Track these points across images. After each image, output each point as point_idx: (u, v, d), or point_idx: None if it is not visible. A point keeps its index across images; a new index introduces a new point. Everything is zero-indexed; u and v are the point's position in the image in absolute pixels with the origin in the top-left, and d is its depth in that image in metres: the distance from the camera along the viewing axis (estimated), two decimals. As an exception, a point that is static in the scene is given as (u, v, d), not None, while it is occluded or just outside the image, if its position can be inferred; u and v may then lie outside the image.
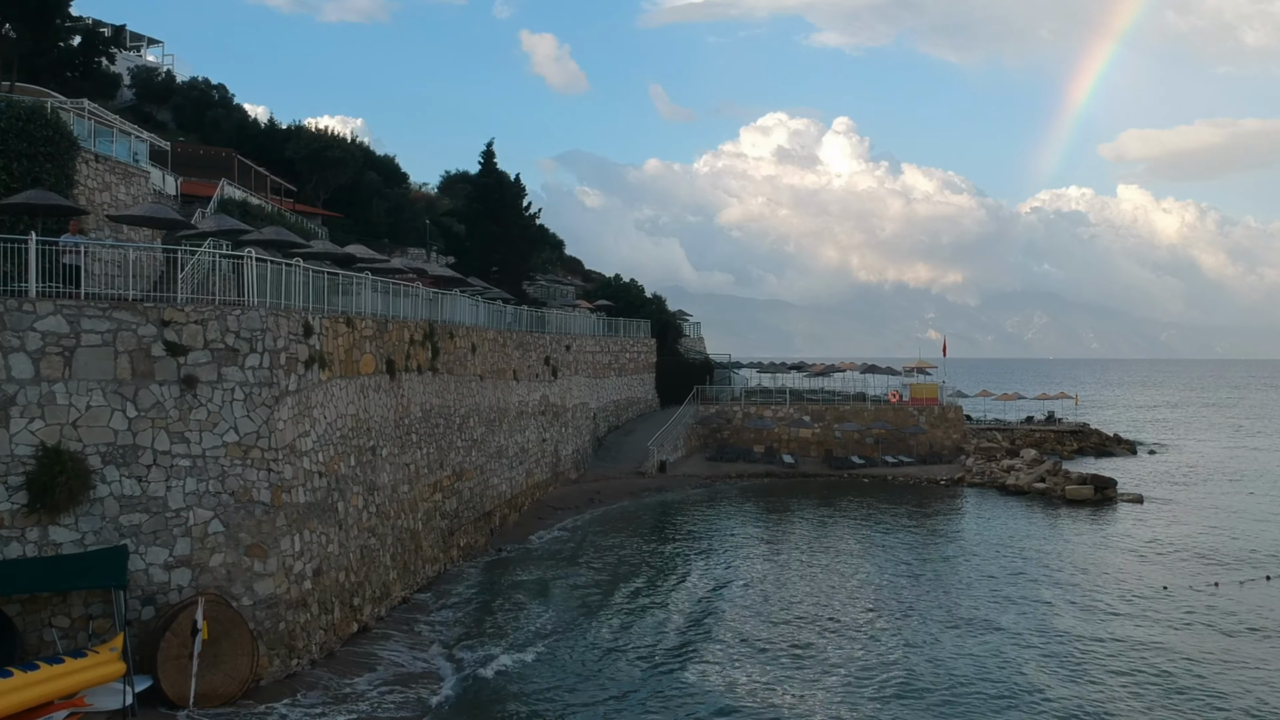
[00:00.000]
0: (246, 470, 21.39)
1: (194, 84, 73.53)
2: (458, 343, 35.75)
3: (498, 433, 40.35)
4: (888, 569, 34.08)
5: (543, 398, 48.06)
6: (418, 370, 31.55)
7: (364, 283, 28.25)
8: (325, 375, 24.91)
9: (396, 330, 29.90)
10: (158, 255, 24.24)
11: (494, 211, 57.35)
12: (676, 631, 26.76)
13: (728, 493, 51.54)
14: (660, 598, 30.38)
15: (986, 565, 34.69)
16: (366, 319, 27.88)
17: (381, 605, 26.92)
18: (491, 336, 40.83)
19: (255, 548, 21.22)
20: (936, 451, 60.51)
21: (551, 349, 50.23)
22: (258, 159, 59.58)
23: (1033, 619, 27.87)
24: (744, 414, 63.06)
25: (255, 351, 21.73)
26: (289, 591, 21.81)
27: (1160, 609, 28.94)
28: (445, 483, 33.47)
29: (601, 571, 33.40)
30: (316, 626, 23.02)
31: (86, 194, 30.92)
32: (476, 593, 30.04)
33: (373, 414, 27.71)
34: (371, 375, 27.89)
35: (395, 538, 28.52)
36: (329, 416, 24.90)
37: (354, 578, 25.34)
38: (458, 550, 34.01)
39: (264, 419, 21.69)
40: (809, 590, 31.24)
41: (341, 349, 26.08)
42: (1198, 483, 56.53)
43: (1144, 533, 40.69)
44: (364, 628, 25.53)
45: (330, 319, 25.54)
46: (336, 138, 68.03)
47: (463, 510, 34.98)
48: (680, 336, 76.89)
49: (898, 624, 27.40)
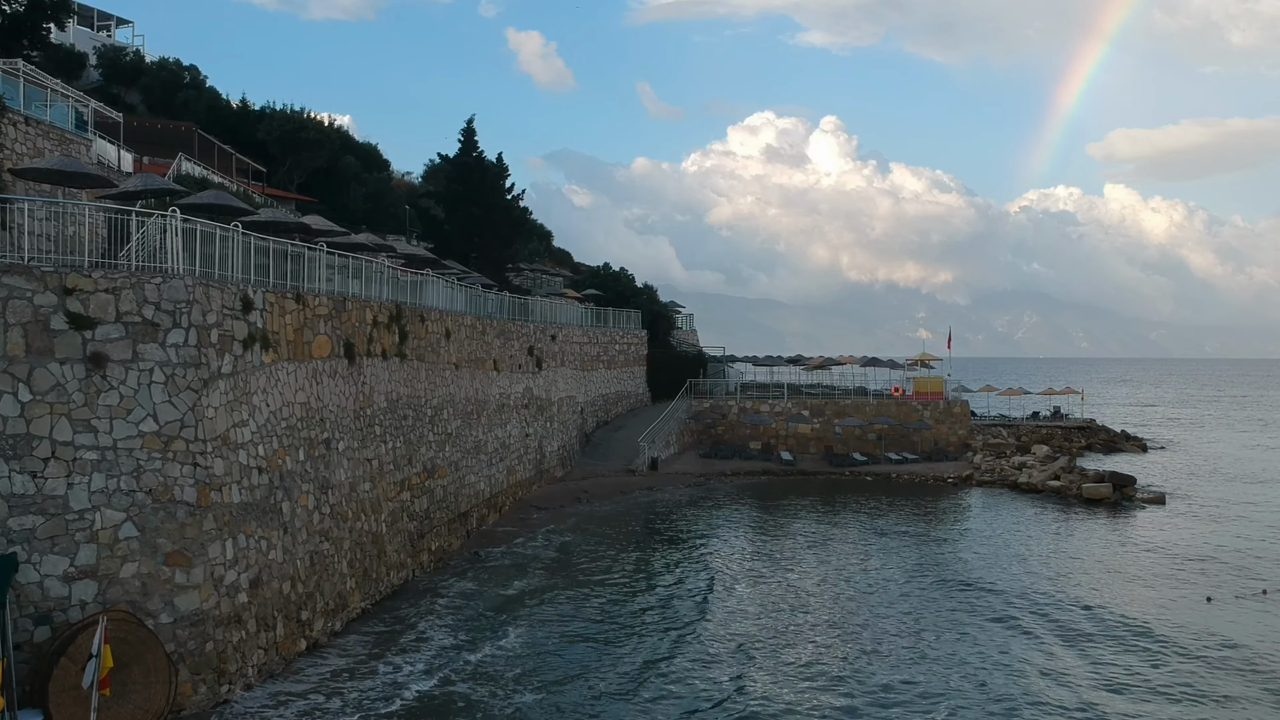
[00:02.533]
0: (168, 465, 18.32)
1: (164, 64, 70.08)
2: (429, 327, 32.65)
3: (475, 426, 37.26)
4: (895, 579, 31.09)
5: (526, 390, 45.00)
6: (382, 356, 28.45)
7: (318, 256, 25.13)
8: (269, 357, 21.84)
9: (357, 310, 26.81)
10: (67, 213, 21.09)
11: (474, 192, 54.01)
12: (663, 648, 23.73)
13: (722, 492, 48.51)
14: (647, 609, 27.35)
15: (1005, 574, 31.77)
16: (321, 296, 24.79)
17: (336, 618, 23.83)
18: (469, 323, 37.74)
19: (177, 555, 18.15)
20: (942, 448, 57.57)
21: (536, 338, 47.17)
22: (229, 142, 56.39)
23: (1061, 635, 24.93)
24: (739, 409, 60.02)
25: (179, 327, 18.67)
26: (219, 606, 18.72)
27: (1206, 623, 26.01)
28: (414, 480, 30.38)
29: (584, 578, 30.36)
30: (254, 645, 19.94)
31: (14, 159, 27.82)
32: (447, 602, 26.95)
33: (327, 403, 24.62)
34: (327, 359, 24.81)
35: (354, 542, 25.43)
36: (273, 404, 21.82)
37: (302, 588, 22.25)
38: (429, 555, 30.92)
39: (189, 405, 18.62)
40: (809, 600, 28.28)
41: (290, 328, 23.00)
42: (1219, 482, 53.65)
43: (1172, 536, 37.78)
44: (314, 644, 22.46)
45: (276, 294, 22.47)
46: (311, 119, 64.68)
47: (435, 511, 31.89)
48: (672, 329, 73.78)
49: (909, 644, 24.43)
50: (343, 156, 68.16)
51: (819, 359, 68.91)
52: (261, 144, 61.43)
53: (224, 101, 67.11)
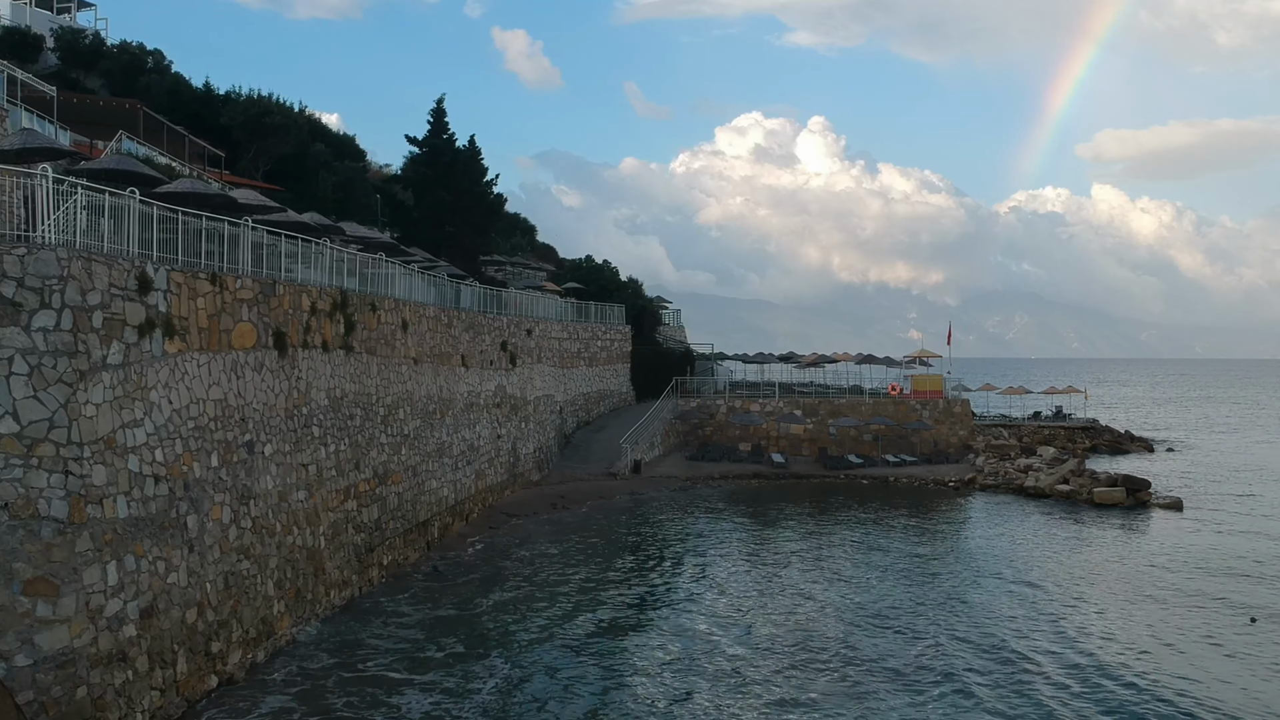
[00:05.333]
0: (30, 474, 15.19)
1: (125, 48, 66.78)
2: (383, 317, 29.50)
3: (439, 427, 34.11)
4: (892, 596, 28.02)
5: (498, 388, 41.85)
6: (323, 348, 25.29)
7: (242, 233, 21.96)
8: (174, 347, 18.70)
9: (291, 296, 23.64)
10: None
11: (444, 177, 50.67)
12: (640, 670, 20.67)
13: (709, 497, 45.43)
14: (622, 629, 24.28)
15: (1019, 589, 28.79)
16: (245, 279, 21.64)
17: (259, 648, 20.69)
18: (432, 314, 34.59)
19: (39, 582, 15.00)
20: (942, 450, 54.53)
21: (510, 333, 44.03)
22: (194, 128, 53.11)
23: (1087, 677, 21.92)
24: (728, 408, 56.92)
25: (49, 308, 15.54)
26: (95, 643, 15.57)
27: (1256, 648, 23.03)
28: (363, 488, 27.23)
29: (554, 594, 27.27)
30: (145, 687, 16.78)
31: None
32: (397, 625, 23.82)
33: (251, 400, 21.47)
34: (251, 350, 21.66)
35: (284, 559, 22.28)
36: (177, 401, 18.67)
37: (213, 615, 19.09)
38: (380, 570, 27.78)
39: (61, 402, 15.49)
40: (799, 620, 25.23)
41: (203, 314, 19.86)
42: (1235, 485, 50.73)
43: (1196, 545, 34.79)
44: (228, 680, 19.33)
45: (186, 274, 19.33)
46: (277, 103, 61.44)
47: (388, 521, 28.75)
48: (659, 324, 70.55)
49: (907, 674, 21.40)
50: (312, 144, 64.90)
51: (813, 356, 65.78)
52: (226, 130, 58.27)
53: (186, 85, 63.85)
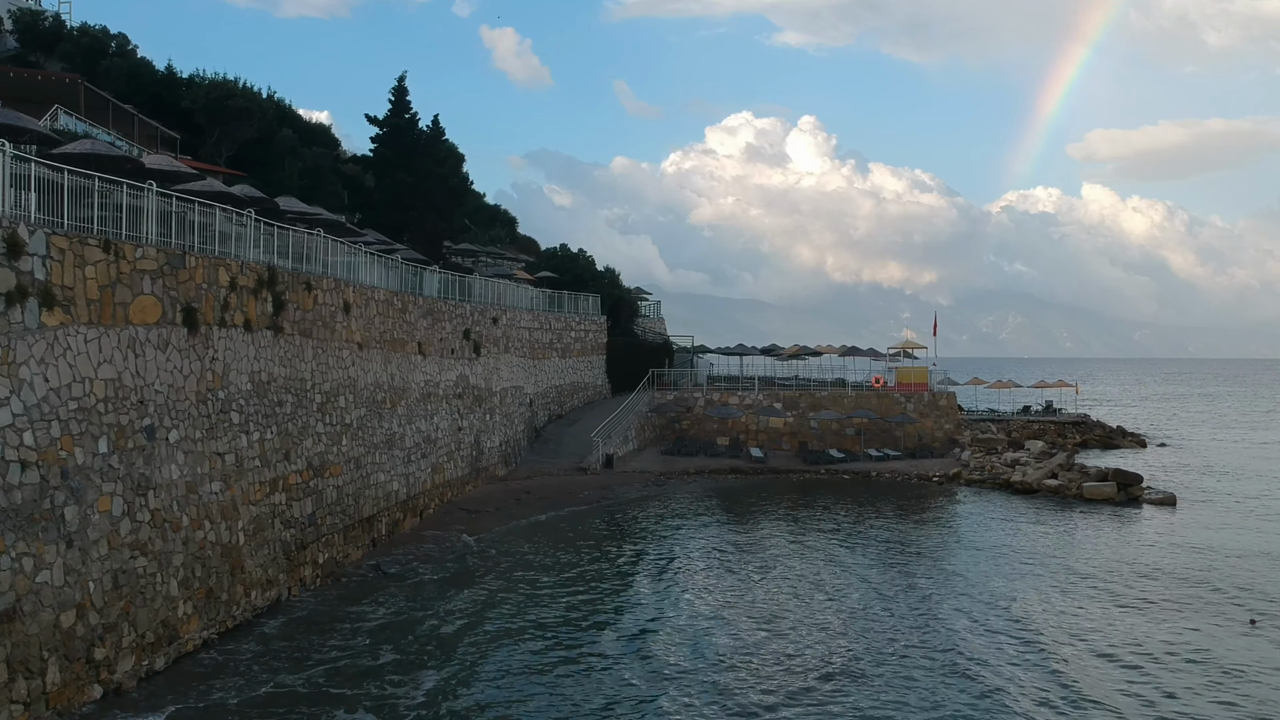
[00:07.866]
0: None
1: (85, 31, 64.72)
2: (319, 297, 27.51)
3: (388, 417, 32.14)
4: (875, 596, 26.19)
5: (460, 378, 39.90)
6: (245, 327, 23.30)
7: (145, 199, 19.96)
8: (54, 319, 16.74)
9: (205, 269, 21.64)
10: None
11: (405, 157, 48.57)
12: (597, 682, 18.76)
13: (684, 493, 43.49)
14: (581, 636, 22.36)
15: (1002, 589, 26.94)
16: (148, 248, 19.65)
17: (157, 655, 18.72)
18: (382, 297, 32.63)
19: None
20: (927, 444, 52.67)
21: (473, 321, 42.07)
22: (153, 112, 51.01)
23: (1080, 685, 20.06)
24: (706, 401, 54.99)
25: (-118, 268, 13.55)
26: (-66, 651, 13.60)
27: (1256, 652, 21.19)
28: (294, 480, 25.24)
29: (508, 596, 25.36)
30: (5, 700, 14.81)
31: None
32: (323, 633, 21.85)
33: (152, 381, 19.48)
34: (154, 327, 19.67)
35: (192, 556, 20.30)
36: (56, 380, 16.69)
37: (97, 618, 17.12)
38: (313, 569, 25.81)
39: (-105, 375, 13.49)
40: (774, 627, 23.35)
41: (93, 285, 17.88)
42: (1229, 480, 48.99)
43: (1191, 543, 32.96)
44: (116, 690, 17.36)
45: (71, 239, 17.36)
46: (242, 88, 59.34)
47: (323, 516, 26.77)
48: (636, 316, 68.53)
49: (887, 680, 19.52)
50: (279, 129, 62.88)
51: (794, 347, 63.85)
52: (188, 113, 56.29)
53: (148, 67, 61.77)
